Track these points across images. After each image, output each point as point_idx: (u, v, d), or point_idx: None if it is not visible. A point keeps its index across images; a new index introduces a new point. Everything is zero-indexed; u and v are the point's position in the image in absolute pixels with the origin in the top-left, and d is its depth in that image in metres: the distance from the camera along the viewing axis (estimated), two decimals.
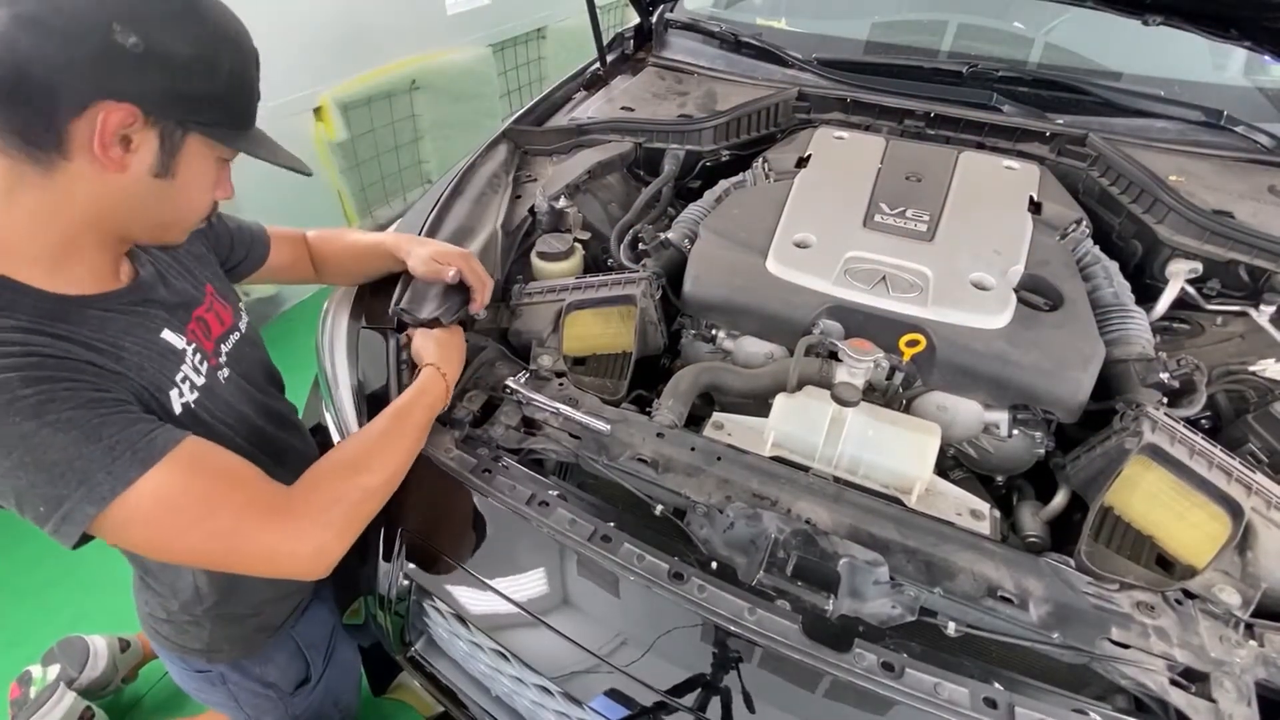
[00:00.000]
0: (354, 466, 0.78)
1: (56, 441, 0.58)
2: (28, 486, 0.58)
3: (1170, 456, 0.85)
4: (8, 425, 0.56)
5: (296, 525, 0.69)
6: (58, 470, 0.58)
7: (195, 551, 0.67)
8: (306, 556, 0.70)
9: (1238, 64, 1.68)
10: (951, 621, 0.75)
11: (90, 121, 0.58)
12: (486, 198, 1.35)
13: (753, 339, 1.15)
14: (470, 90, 3.34)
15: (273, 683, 1.01)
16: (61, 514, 0.59)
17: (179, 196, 0.67)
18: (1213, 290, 1.19)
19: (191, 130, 0.64)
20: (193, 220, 0.73)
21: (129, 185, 0.63)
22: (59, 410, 0.59)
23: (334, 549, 0.72)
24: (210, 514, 0.65)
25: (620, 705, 0.80)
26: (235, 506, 0.66)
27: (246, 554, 0.68)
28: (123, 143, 0.60)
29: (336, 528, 0.72)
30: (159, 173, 0.64)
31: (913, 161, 1.36)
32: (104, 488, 0.59)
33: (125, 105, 0.58)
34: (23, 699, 1.49)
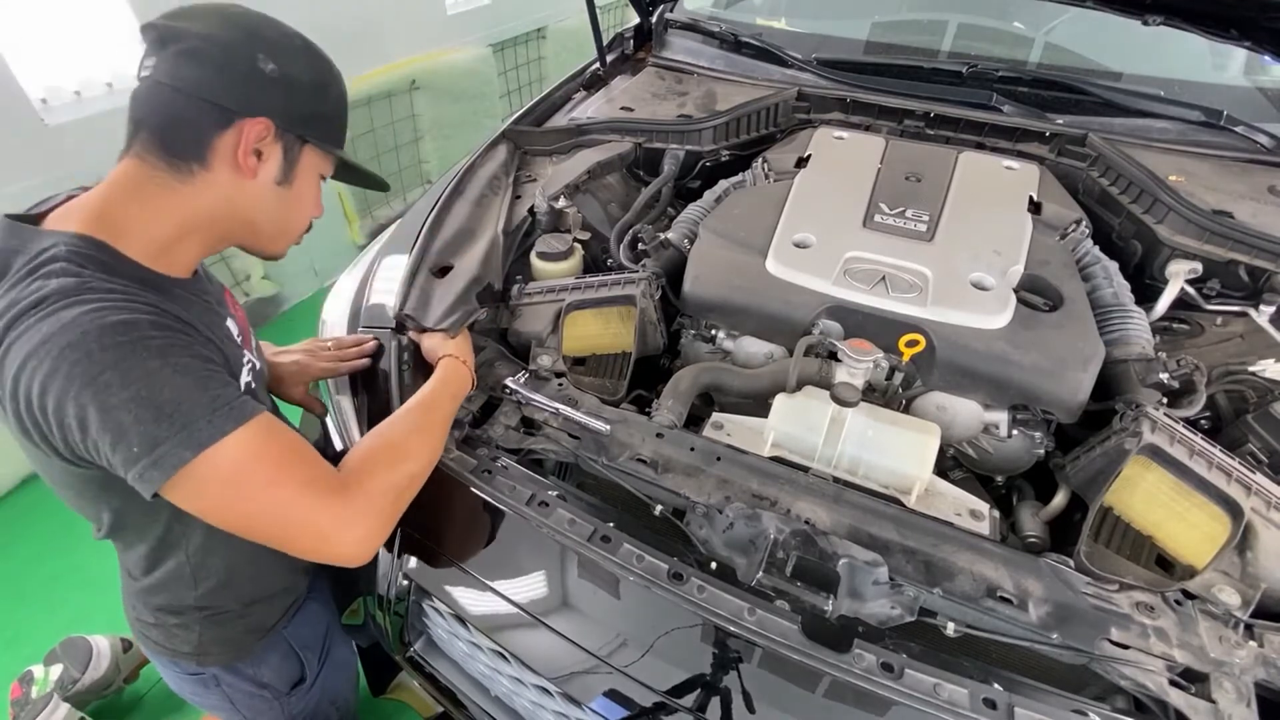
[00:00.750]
0: (397, 453, 0.80)
1: (174, 382, 0.63)
2: (133, 422, 0.61)
3: (1170, 457, 0.85)
4: (136, 358, 0.61)
5: (351, 509, 0.72)
6: (167, 409, 0.62)
7: (256, 518, 0.69)
8: (354, 542, 0.72)
9: (1238, 64, 1.68)
10: (951, 622, 0.75)
11: (235, 135, 0.70)
12: (487, 199, 1.35)
13: (752, 339, 1.15)
14: (470, 90, 3.34)
15: (267, 683, 1.01)
16: (154, 457, 0.62)
17: (294, 204, 0.79)
18: (1212, 290, 1.19)
19: (308, 143, 0.76)
20: (299, 229, 0.83)
21: (256, 191, 0.74)
22: (179, 355, 0.64)
23: (378, 536, 0.74)
24: (278, 481, 0.68)
25: (619, 706, 0.80)
26: (300, 480, 0.70)
27: (301, 529, 0.70)
28: (256, 154, 0.72)
29: (385, 515, 0.75)
30: (281, 180, 0.75)
31: (912, 161, 1.36)
32: (202, 435, 0.63)
33: (263, 120, 0.70)
34: (24, 699, 1.49)
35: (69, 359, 0.59)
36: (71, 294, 0.61)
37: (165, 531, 0.81)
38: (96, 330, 0.60)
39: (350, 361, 1.07)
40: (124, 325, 0.62)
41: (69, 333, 0.59)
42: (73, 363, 0.59)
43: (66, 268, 0.63)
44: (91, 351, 0.59)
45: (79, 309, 0.60)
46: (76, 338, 0.59)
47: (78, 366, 0.59)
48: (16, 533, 2.00)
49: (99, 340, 0.60)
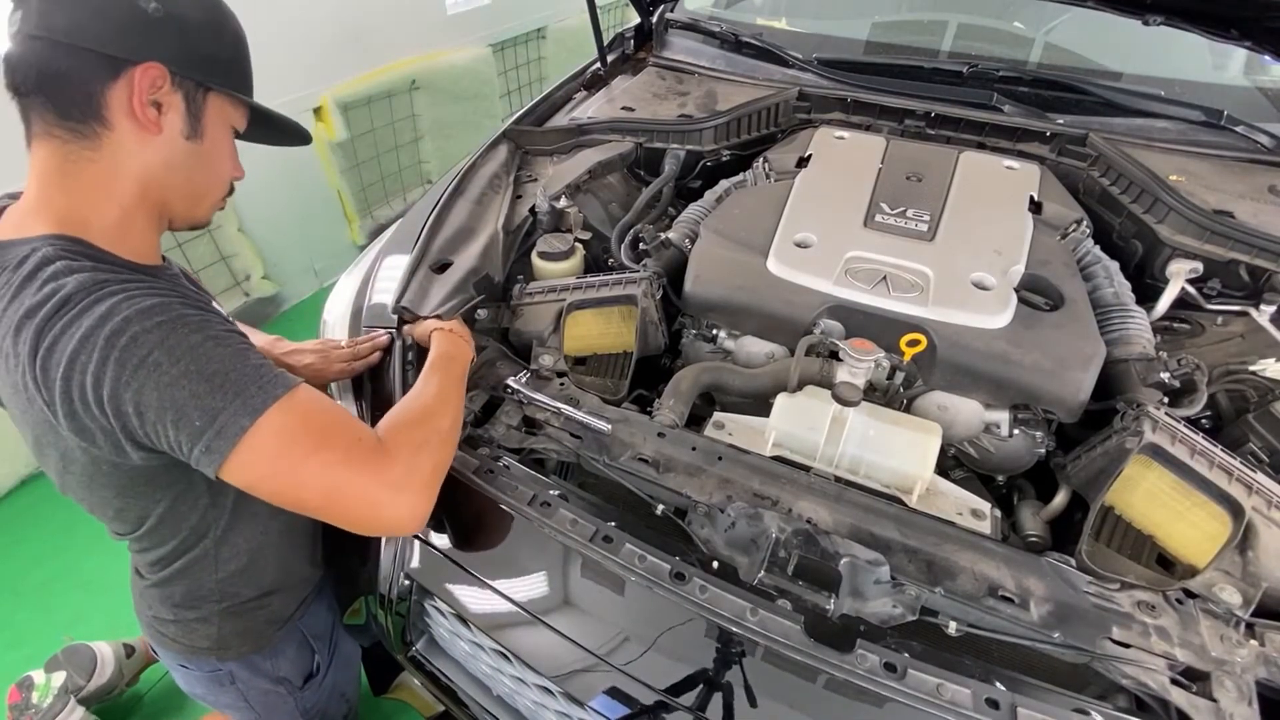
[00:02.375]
0: (423, 418, 0.80)
1: (218, 354, 0.63)
2: (189, 397, 0.61)
3: (1171, 456, 0.85)
4: (179, 335, 0.62)
5: (396, 473, 0.71)
6: (218, 380, 0.62)
7: (307, 486, 0.67)
8: (405, 507, 0.71)
9: (1238, 64, 1.68)
10: (953, 621, 0.75)
11: (126, 85, 0.64)
12: (487, 198, 1.35)
13: (753, 339, 1.15)
14: (470, 90, 3.34)
15: (283, 677, 1.01)
16: (217, 427, 0.62)
17: (209, 161, 0.74)
18: (1213, 290, 1.19)
19: (211, 90, 0.71)
20: (219, 193, 0.79)
21: (166, 149, 0.69)
22: (216, 328, 0.65)
23: (426, 501, 0.73)
24: (327, 445, 0.68)
25: (621, 705, 0.80)
26: (346, 444, 0.69)
27: (351, 495, 0.69)
28: (155, 106, 0.67)
29: (428, 478, 0.74)
30: (189, 134, 0.71)
31: (913, 161, 1.36)
32: (256, 400, 0.63)
33: (154, 65, 0.65)
34: (23, 703, 1.48)
35: (116, 345, 0.59)
36: (95, 288, 0.61)
37: (198, 521, 0.82)
38: (136, 315, 0.60)
39: (365, 360, 1.07)
40: (159, 306, 0.62)
41: (109, 322, 0.59)
42: (122, 349, 0.59)
43: (70, 265, 0.62)
44: (136, 335, 0.60)
45: (111, 299, 0.61)
46: (119, 325, 0.60)
47: (126, 352, 0.59)
48: (13, 535, 2.00)
49: (141, 324, 0.60)
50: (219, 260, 2.54)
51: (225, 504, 0.82)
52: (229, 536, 0.85)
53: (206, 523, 0.82)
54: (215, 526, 0.83)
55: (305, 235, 2.86)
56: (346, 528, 0.72)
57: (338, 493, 0.68)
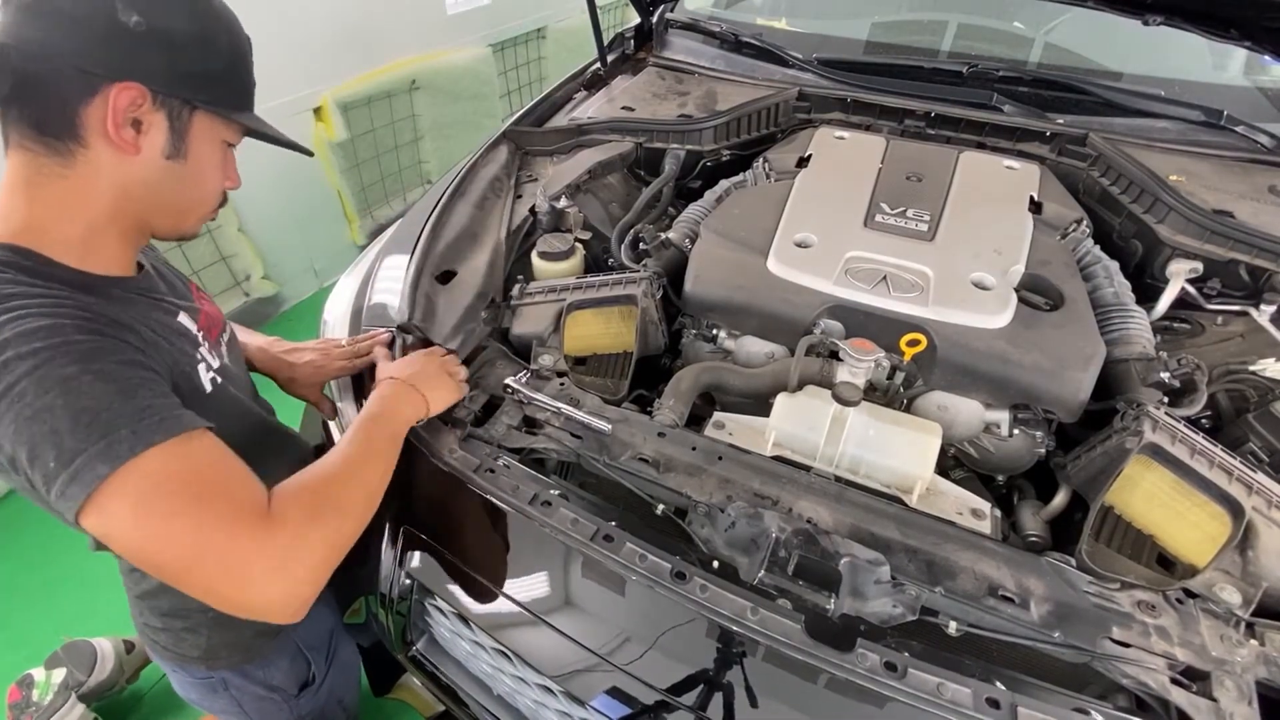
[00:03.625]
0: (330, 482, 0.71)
1: (95, 390, 0.57)
2: (47, 434, 0.55)
3: (1171, 456, 0.85)
4: (53, 365, 0.56)
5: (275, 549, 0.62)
6: (85, 418, 0.56)
7: (167, 549, 0.59)
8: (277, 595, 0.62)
9: (1238, 64, 1.68)
10: (953, 621, 0.75)
11: (102, 104, 0.60)
12: (489, 201, 1.35)
13: (754, 339, 1.15)
14: (470, 90, 3.34)
15: (277, 686, 1.01)
16: (72, 470, 0.56)
17: (193, 180, 0.70)
18: (1213, 290, 1.19)
19: (198, 109, 0.67)
20: (207, 207, 0.75)
21: (145, 169, 0.66)
22: (104, 361, 0.59)
23: (306, 592, 0.65)
24: (199, 503, 0.60)
25: (622, 704, 0.80)
26: (228, 509, 0.61)
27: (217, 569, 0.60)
28: (134, 125, 0.63)
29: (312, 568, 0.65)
30: (171, 154, 0.66)
31: (913, 161, 1.36)
32: (123, 446, 0.57)
33: (133, 85, 0.61)
34: (23, 702, 1.48)
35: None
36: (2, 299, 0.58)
37: None
38: (15, 337, 0.56)
39: (365, 357, 1.05)
40: (46, 330, 0.57)
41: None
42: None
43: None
44: (8, 361, 0.55)
45: (3, 315, 0.57)
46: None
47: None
48: (13, 535, 2.00)
49: (17, 347, 0.56)
50: (219, 260, 2.54)
51: None
52: None
53: None
54: None
55: (305, 235, 2.86)
56: (208, 602, 0.62)
57: (200, 561, 0.59)
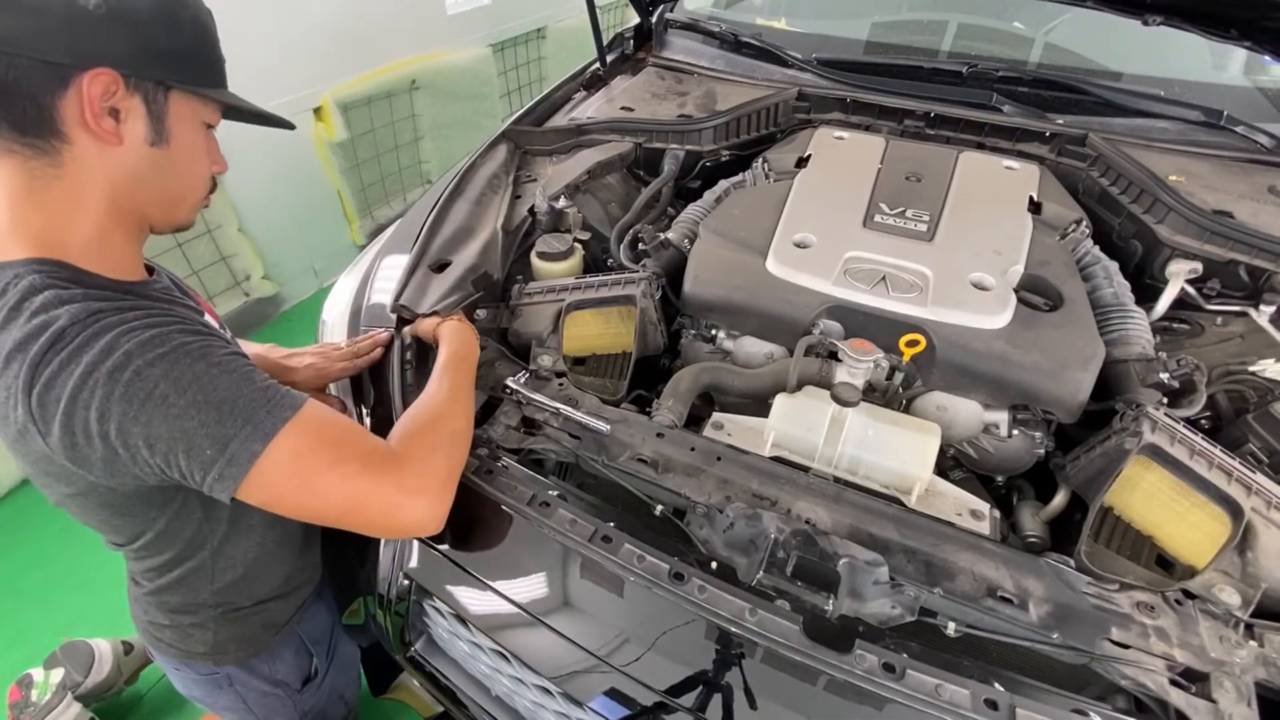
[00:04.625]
0: (433, 420, 0.81)
1: (224, 381, 0.63)
2: (198, 426, 0.61)
3: (1170, 457, 0.85)
4: (183, 365, 0.61)
5: (411, 476, 0.72)
6: (226, 408, 0.62)
7: (326, 498, 0.68)
8: (423, 508, 0.73)
9: (1238, 64, 1.68)
10: (951, 622, 0.75)
11: (76, 96, 0.60)
12: (486, 198, 1.35)
13: (753, 339, 1.15)
14: (470, 90, 3.34)
15: (281, 680, 1.01)
16: (229, 455, 0.62)
17: (180, 165, 0.69)
18: (1213, 290, 1.19)
19: (172, 89, 0.66)
20: (198, 194, 0.75)
21: (131, 159, 0.65)
22: (218, 354, 0.64)
23: (442, 501, 0.75)
24: (342, 458, 0.68)
25: (620, 705, 0.80)
26: (361, 455, 0.70)
27: (371, 503, 0.70)
28: (112, 114, 0.62)
29: (442, 478, 0.75)
30: (154, 140, 0.66)
31: (913, 161, 1.36)
32: (266, 424, 0.63)
33: (104, 71, 0.60)
34: (23, 701, 1.48)
35: (120, 381, 0.58)
36: (90, 320, 0.60)
37: (194, 534, 0.81)
38: (137, 348, 0.59)
39: (366, 357, 1.06)
40: (159, 338, 0.61)
41: (110, 357, 0.58)
42: (126, 384, 0.59)
43: (60, 295, 0.60)
44: (140, 370, 0.59)
45: (109, 333, 0.59)
46: (120, 359, 0.59)
47: (131, 387, 0.59)
48: (13, 535, 2.00)
49: (143, 357, 0.59)
50: (219, 260, 2.54)
51: (221, 517, 0.82)
52: (225, 549, 0.85)
53: (202, 535, 0.82)
54: (211, 539, 0.83)
55: (305, 235, 2.86)
56: (368, 534, 0.73)
57: (356, 503, 0.69)
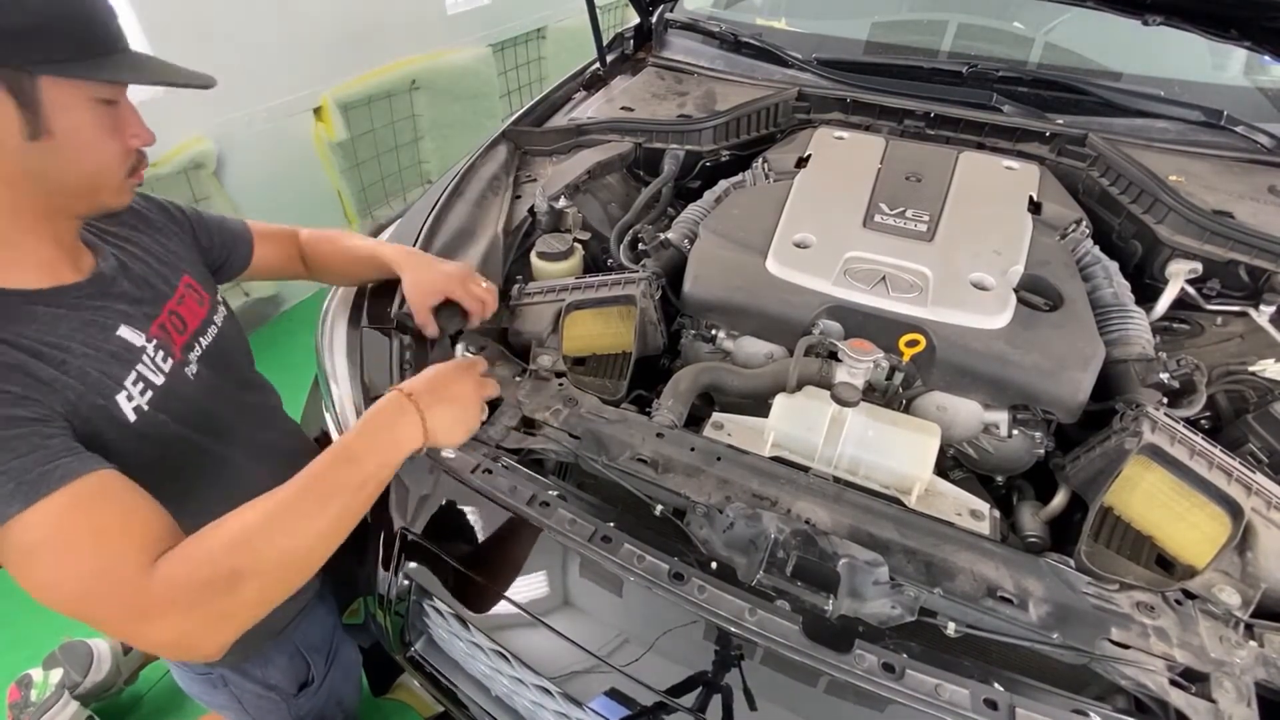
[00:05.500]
0: (252, 533, 0.62)
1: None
2: None
3: (1170, 457, 0.85)
4: None
5: (148, 606, 0.58)
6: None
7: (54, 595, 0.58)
8: (166, 642, 0.60)
9: (1238, 64, 1.68)
10: (951, 622, 0.75)
11: None
12: (487, 200, 1.35)
13: (752, 339, 1.15)
14: (470, 90, 3.34)
15: (275, 685, 1.01)
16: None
17: (73, 154, 0.61)
18: (1213, 290, 1.19)
19: (39, 74, 0.57)
20: (114, 175, 0.66)
21: (16, 157, 0.59)
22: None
23: (204, 638, 0.60)
24: (58, 576, 0.57)
25: (620, 705, 0.80)
26: (86, 573, 0.58)
27: (101, 624, 0.59)
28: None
29: (206, 618, 0.59)
30: (33, 134, 0.58)
31: (913, 161, 1.36)
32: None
33: None
34: (22, 702, 1.48)
35: None
36: None
37: None
38: None
39: (487, 306, 1.02)
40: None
41: None
42: None
43: None
44: None
45: None
46: None
47: None
48: None
49: None
50: None
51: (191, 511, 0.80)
52: None
53: None
54: None
55: None
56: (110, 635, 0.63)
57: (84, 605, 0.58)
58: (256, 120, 2.44)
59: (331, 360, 1.11)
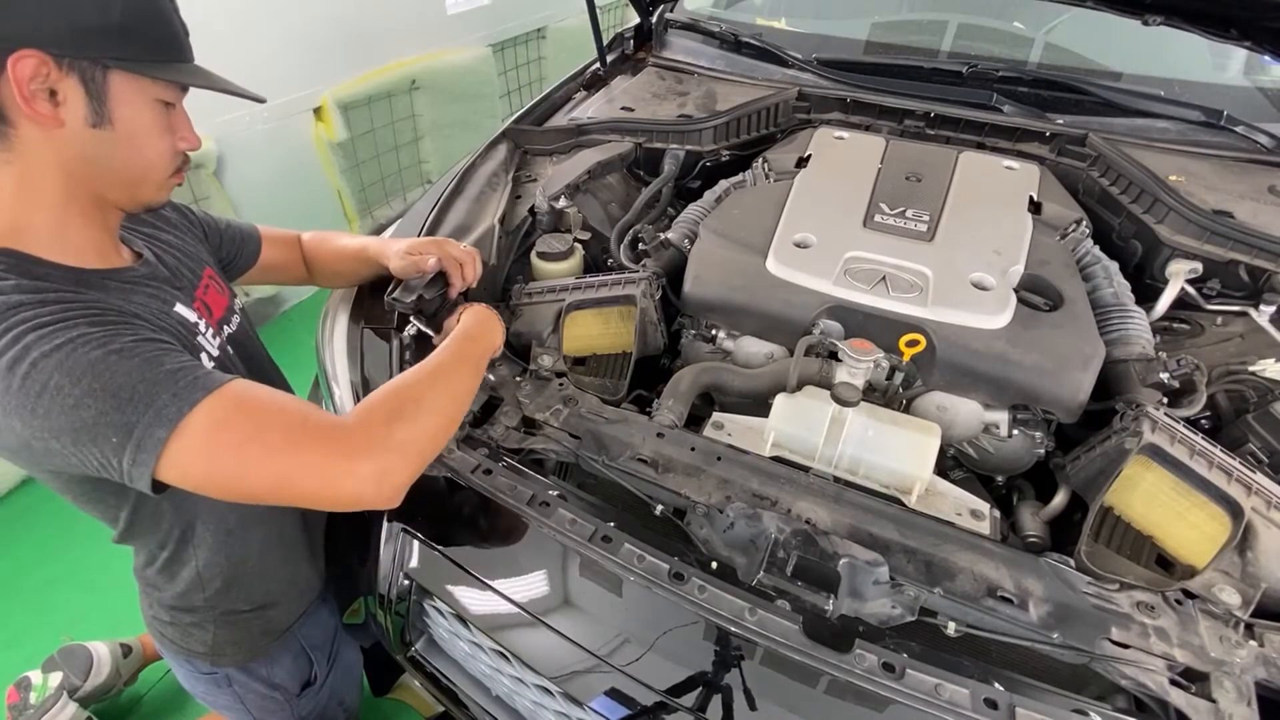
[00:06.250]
0: (405, 395, 0.73)
1: (123, 367, 0.59)
2: (96, 416, 0.58)
3: (1170, 456, 0.85)
4: (77, 355, 0.58)
5: (351, 442, 0.65)
6: (125, 395, 0.58)
7: (253, 475, 0.63)
8: (368, 476, 0.65)
9: (1238, 64, 1.68)
10: (951, 621, 0.75)
11: (8, 78, 0.58)
12: (486, 196, 1.35)
13: (753, 339, 1.15)
14: (470, 90, 3.34)
15: (279, 684, 1.01)
16: (135, 441, 0.59)
17: (128, 147, 0.67)
18: (1213, 290, 1.19)
19: (111, 69, 0.63)
20: (160, 172, 0.71)
21: (76, 142, 0.63)
22: (123, 340, 0.61)
23: (398, 470, 0.67)
24: (263, 429, 0.63)
25: (620, 705, 0.80)
26: (286, 425, 0.64)
27: (304, 474, 0.64)
28: (49, 96, 0.60)
29: (396, 449, 0.67)
30: (95, 122, 0.63)
31: (913, 161, 1.36)
32: (170, 410, 0.60)
33: (31, 52, 0.58)
34: (21, 704, 1.48)
35: (17, 374, 0.57)
36: (7, 313, 0.59)
37: (171, 529, 0.82)
38: (36, 340, 0.58)
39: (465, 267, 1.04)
40: (61, 328, 0.59)
41: (11, 349, 0.57)
42: (22, 377, 0.57)
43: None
44: (35, 361, 0.57)
45: (19, 326, 0.58)
46: (19, 352, 0.57)
47: (27, 380, 0.57)
48: (13, 535, 1.99)
49: (40, 348, 0.57)
50: None
51: (188, 511, 0.82)
52: (212, 551, 0.86)
53: (185, 536, 0.82)
54: (190, 536, 0.83)
55: None
56: (312, 507, 0.71)
57: (286, 476, 0.64)
58: (256, 120, 2.44)
59: (331, 360, 1.11)
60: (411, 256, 1.02)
